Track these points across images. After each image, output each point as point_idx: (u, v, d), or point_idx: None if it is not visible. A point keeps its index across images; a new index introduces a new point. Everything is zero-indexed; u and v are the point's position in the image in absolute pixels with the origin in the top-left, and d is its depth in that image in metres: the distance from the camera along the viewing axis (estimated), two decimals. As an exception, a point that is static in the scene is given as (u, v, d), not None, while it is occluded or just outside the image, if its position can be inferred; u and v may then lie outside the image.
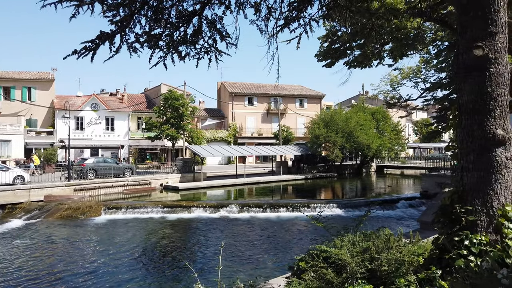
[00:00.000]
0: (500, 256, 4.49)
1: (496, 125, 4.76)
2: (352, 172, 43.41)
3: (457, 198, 5.01)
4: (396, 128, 43.97)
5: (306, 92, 55.09)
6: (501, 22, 4.70)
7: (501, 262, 4.32)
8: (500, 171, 4.78)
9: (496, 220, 4.74)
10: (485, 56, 4.70)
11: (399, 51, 14.17)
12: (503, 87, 4.78)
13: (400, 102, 23.06)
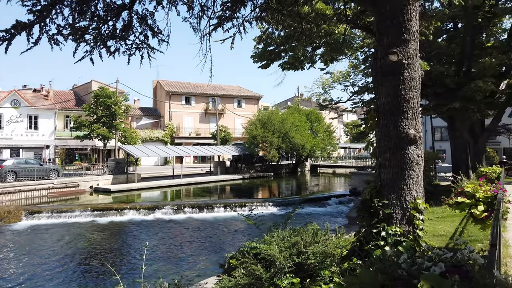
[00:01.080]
0: (412, 245, 4.92)
1: (409, 125, 5.18)
2: (288, 171, 44.69)
3: (376, 193, 5.37)
4: (329, 129, 46.14)
5: (244, 92, 55.57)
6: (413, 31, 5.14)
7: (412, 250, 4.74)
8: (412, 168, 5.22)
9: (409, 213, 5.17)
10: (400, 62, 5.10)
11: (329, 55, 14.87)
12: (415, 91, 5.23)
13: (331, 104, 24.23)
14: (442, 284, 1.68)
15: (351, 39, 16.95)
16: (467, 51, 15.29)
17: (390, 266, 1.99)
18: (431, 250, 2.63)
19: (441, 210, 11.22)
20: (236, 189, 30.84)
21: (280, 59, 15.03)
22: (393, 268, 1.95)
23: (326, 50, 14.15)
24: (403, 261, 2.18)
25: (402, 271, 1.96)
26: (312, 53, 15.36)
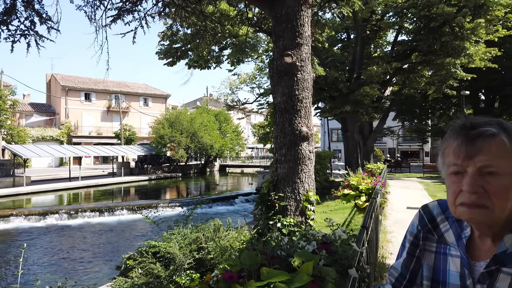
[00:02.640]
0: (304, 234, 5.31)
1: (302, 123, 5.58)
2: (197, 171, 44.39)
3: (272, 187, 5.67)
4: (237, 130, 47.04)
5: (150, 91, 53.59)
6: (306, 36, 5.55)
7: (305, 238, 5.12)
8: (305, 162, 5.63)
9: (302, 204, 5.56)
10: (294, 64, 5.47)
11: (235, 56, 15.19)
12: (307, 91, 5.65)
13: (239, 105, 24.78)
14: (311, 258, 1.86)
15: (257, 42, 17.56)
16: (357, 59, 16.97)
17: (271, 248, 2.14)
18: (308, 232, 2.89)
19: (334, 204, 12.24)
20: (141, 191, 29.61)
21: (187, 57, 14.91)
22: (274, 250, 2.11)
23: (233, 51, 14.44)
24: (284, 244, 2.36)
25: (281, 252, 2.13)
26: (219, 53, 15.54)
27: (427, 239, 1.10)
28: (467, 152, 0.88)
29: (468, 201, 0.88)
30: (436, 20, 14.20)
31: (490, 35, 16.00)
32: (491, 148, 0.87)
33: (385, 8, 16.34)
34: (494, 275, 0.92)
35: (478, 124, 0.90)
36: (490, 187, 0.86)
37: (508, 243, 0.92)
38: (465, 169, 0.89)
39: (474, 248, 0.99)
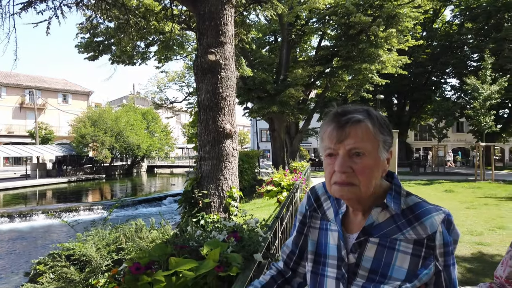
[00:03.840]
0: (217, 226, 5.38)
1: (226, 120, 5.65)
2: (123, 172, 42.41)
3: (196, 185, 5.67)
4: (166, 129, 45.85)
5: (70, 87, 49.95)
6: (229, 35, 5.63)
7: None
8: (229, 160, 5.71)
9: (225, 201, 5.63)
10: (217, 62, 5.52)
11: (163, 54, 14.83)
12: (231, 89, 5.74)
13: (167, 103, 24.21)
14: (219, 245, 1.92)
15: (186, 40, 17.34)
16: (284, 62, 17.58)
17: (182, 240, 2.17)
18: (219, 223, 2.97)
19: (261, 201, 12.56)
20: (60, 194, 27.50)
21: (110, 52, 14.19)
22: (185, 241, 2.14)
23: (159, 48, 14.07)
24: (197, 235, 2.40)
25: (193, 242, 2.16)
26: (145, 50, 15.03)
27: (312, 217, 1.21)
28: (338, 137, 0.99)
29: (339, 180, 0.99)
30: (354, 28, 15.28)
31: (401, 44, 17.58)
32: (357, 133, 0.98)
33: (309, 14, 17.15)
34: (363, 245, 1.04)
35: (347, 112, 1.01)
36: (357, 167, 0.98)
37: (375, 216, 1.04)
38: (337, 151, 0.99)
39: (348, 222, 1.10)
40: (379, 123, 1.02)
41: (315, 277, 1.13)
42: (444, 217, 1.00)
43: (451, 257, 1.00)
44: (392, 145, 1.07)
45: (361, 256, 1.04)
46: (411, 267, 0.98)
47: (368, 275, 1.02)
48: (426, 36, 29.91)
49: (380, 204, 1.04)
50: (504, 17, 26.15)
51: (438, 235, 0.98)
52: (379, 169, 1.02)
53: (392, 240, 1.01)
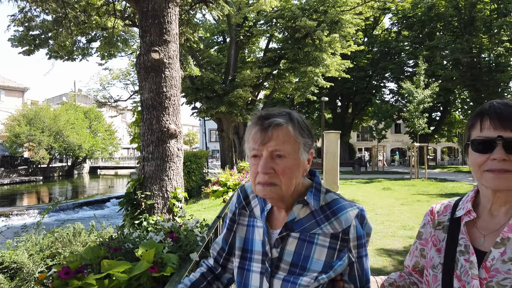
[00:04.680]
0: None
1: (170, 120, 5.56)
2: (63, 174, 40.03)
3: (139, 186, 5.52)
4: (109, 129, 43.98)
5: (3, 82, 46.14)
6: (173, 33, 5.55)
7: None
8: (173, 160, 5.62)
9: (169, 202, 5.55)
10: (161, 60, 5.42)
11: (106, 50, 14.23)
12: (176, 89, 5.66)
13: (111, 102, 23.27)
14: (155, 246, 1.91)
15: (131, 37, 16.78)
16: (232, 62, 17.64)
17: (117, 242, 2.12)
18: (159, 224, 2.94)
19: (208, 201, 12.50)
20: (-11, 198, 25.32)
21: (47, 46, 13.33)
22: (119, 243, 2.09)
23: (102, 44, 13.48)
24: (134, 237, 2.35)
25: (128, 244, 2.12)
26: (86, 45, 14.32)
27: (241, 214, 1.25)
28: (261, 139, 1.04)
29: (262, 180, 1.04)
30: (300, 31, 15.73)
31: (344, 49, 18.38)
32: (279, 136, 1.04)
33: (257, 16, 17.37)
34: (285, 240, 1.10)
35: (271, 115, 1.07)
36: (278, 168, 1.03)
37: (296, 212, 1.11)
38: (261, 153, 1.04)
39: (273, 219, 1.16)
40: (299, 126, 1.08)
41: (241, 272, 1.17)
42: (358, 212, 1.08)
43: (363, 249, 1.08)
44: (312, 146, 1.14)
45: (283, 251, 1.09)
46: (327, 259, 1.05)
47: (289, 268, 1.08)
48: (367, 42, 31.54)
49: (301, 201, 1.11)
50: (437, 26, 28.31)
51: (352, 229, 1.06)
52: (299, 170, 1.08)
53: (311, 235, 1.08)
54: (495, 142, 0.98)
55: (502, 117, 0.99)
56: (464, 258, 1.07)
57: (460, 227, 1.11)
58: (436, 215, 1.21)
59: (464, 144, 1.10)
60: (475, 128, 1.04)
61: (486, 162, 1.00)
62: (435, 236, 1.18)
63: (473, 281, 1.02)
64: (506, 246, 1.01)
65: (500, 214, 1.06)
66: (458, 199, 1.20)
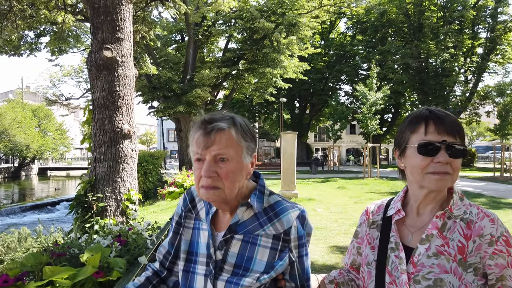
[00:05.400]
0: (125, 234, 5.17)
1: (123, 120, 5.42)
2: (8, 176, 37.59)
3: (90, 188, 5.33)
4: (61, 128, 41.90)
5: None
6: (127, 31, 5.41)
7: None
8: (127, 161, 5.48)
9: (123, 204, 5.40)
10: (114, 58, 5.26)
11: (55, 45, 13.58)
12: (129, 88, 5.52)
13: (62, 100, 22.18)
14: (101, 251, 1.86)
15: (84, 33, 16.12)
16: (190, 61, 17.44)
17: (61, 247, 2.05)
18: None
19: (165, 203, 12.28)
20: None
21: (-10, 40, 12.50)
22: (64, 248, 2.02)
23: (51, 39, 12.85)
24: (81, 241, 2.28)
25: (74, 249, 2.05)
26: (35, 40, 13.58)
27: (187, 217, 1.26)
28: (204, 143, 1.05)
29: (206, 184, 1.06)
30: (258, 33, 15.86)
31: (301, 51, 18.76)
32: (222, 140, 1.05)
33: (216, 16, 17.30)
34: (229, 242, 1.12)
35: (214, 120, 1.08)
36: (221, 172, 1.05)
37: (240, 214, 1.13)
38: (204, 157, 1.06)
39: (218, 221, 1.18)
40: (242, 130, 1.10)
41: (186, 275, 1.18)
42: (299, 213, 1.13)
43: (304, 248, 1.13)
44: (255, 150, 1.17)
45: (227, 253, 1.12)
46: (269, 259, 1.09)
47: (233, 270, 1.10)
48: (323, 45, 32.41)
49: (245, 203, 1.13)
50: (388, 32, 29.65)
51: (293, 229, 1.10)
52: (242, 173, 1.10)
53: (255, 236, 1.11)
54: (440, 146, 1.05)
55: (445, 123, 1.07)
56: (394, 254, 1.14)
57: (391, 225, 1.19)
58: (370, 214, 1.28)
59: (403, 147, 1.14)
60: (418, 132, 1.09)
61: (430, 164, 1.06)
62: (369, 234, 1.25)
63: (402, 276, 1.09)
64: (431, 242, 1.10)
65: (426, 213, 1.15)
66: (390, 199, 1.29)
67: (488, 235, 1.07)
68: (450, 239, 1.09)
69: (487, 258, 1.05)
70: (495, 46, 26.51)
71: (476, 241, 1.07)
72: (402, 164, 1.16)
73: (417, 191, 1.15)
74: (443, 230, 1.10)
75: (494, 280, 1.06)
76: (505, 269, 1.05)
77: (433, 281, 1.05)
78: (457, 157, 1.07)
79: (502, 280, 1.06)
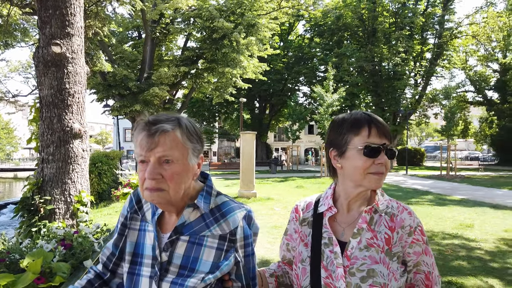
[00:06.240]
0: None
1: (73, 119, 5.20)
2: None
3: (37, 190, 5.07)
4: (7, 127, 39.38)
5: None
6: (78, 26, 5.20)
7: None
8: (77, 162, 5.27)
9: (73, 206, 5.19)
10: (63, 55, 5.04)
11: (1, 39, 12.78)
12: (80, 86, 5.31)
13: (8, 97, 20.84)
14: (44, 255, 1.79)
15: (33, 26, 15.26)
16: (148, 59, 17.02)
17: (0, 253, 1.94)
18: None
19: (120, 205, 11.91)
20: None
21: None
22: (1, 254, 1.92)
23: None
24: (23, 246, 2.17)
25: (14, 255, 1.95)
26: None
27: (132, 218, 1.24)
28: (148, 145, 1.04)
29: (149, 186, 1.04)
30: (217, 32, 15.79)
31: (261, 52, 18.90)
32: (166, 142, 1.04)
33: (174, 13, 17.01)
34: (174, 243, 1.12)
35: (158, 121, 1.07)
36: (166, 173, 1.04)
37: (187, 216, 1.13)
38: (149, 159, 1.05)
39: (164, 223, 1.17)
40: (188, 132, 1.10)
41: (130, 277, 1.16)
42: (245, 214, 1.14)
43: (250, 248, 1.14)
44: (202, 151, 1.17)
45: (173, 254, 1.11)
46: (215, 260, 1.10)
47: (179, 271, 1.10)
48: (283, 46, 32.85)
49: (191, 204, 1.13)
50: (344, 35, 30.60)
51: (239, 229, 1.12)
52: (188, 174, 1.10)
53: (201, 237, 1.12)
54: (381, 148, 1.13)
55: (384, 127, 1.16)
56: (329, 249, 1.20)
57: (322, 222, 1.25)
58: (301, 212, 1.33)
59: (344, 148, 1.18)
60: (361, 135, 1.15)
61: (372, 165, 1.13)
62: (302, 232, 1.30)
63: (338, 269, 1.16)
64: (361, 235, 1.18)
65: (355, 208, 1.23)
66: (319, 196, 1.34)
67: (407, 226, 1.18)
68: (377, 232, 1.18)
69: (407, 247, 1.17)
70: (442, 51, 28.18)
71: (399, 232, 1.17)
72: (339, 164, 1.21)
73: (351, 189, 1.21)
74: (371, 224, 1.19)
75: (411, 266, 1.18)
76: (421, 256, 1.18)
77: (366, 272, 1.13)
78: (391, 158, 1.16)
79: (418, 266, 1.19)
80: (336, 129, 1.22)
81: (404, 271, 1.18)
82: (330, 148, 1.24)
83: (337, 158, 1.21)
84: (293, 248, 1.33)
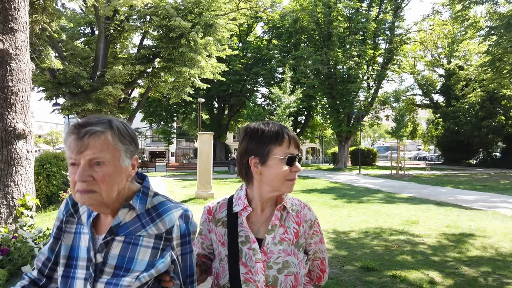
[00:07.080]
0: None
1: (17, 119, 4.95)
2: None
3: (-24, 194, 4.77)
4: None
5: None
6: (22, 21, 4.96)
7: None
8: (21, 163, 5.01)
9: (16, 211, 4.93)
10: (6, 51, 4.78)
11: None
12: (25, 84, 5.06)
13: None
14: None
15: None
16: (101, 57, 16.43)
17: None
18: None
19: (71, 208, 11.41)
20: None
21: None
22: None
23: None
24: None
25: None
26: None
27: (68, 222, 1.23)
28: (78, 148, 1.05)
29: (80, 188, 1.05)
30: (174, 31, 15.56)
31: (219, 52, 18.85)
32: (96, 144, 1.06)
33: (129, 10, 16.55)
34: (109, 244, 1.13)
35: (88, 123, 1.08)
36: (97, 175, 1.06)
37: (122, 216, 1.15)
38: (79, 161, 1.06)
39: (100, 224, 1.18)
40: (120, 133, 1.12)
41: (65, 280, 1.16)
42: (182, 213, 1.18)
43: (188, 246, 1.18)
44: (136, 152, 1.19)
45: (107, 255, 1.13)
46: (151, 259, 1.12)
47: (114, 271, 1.11)
48: (241, 47, 32.97)
49: (127, 205, 1.15)
50: (301, 38, 31.23)
51: (175, 228, 1.15)
52: (121, 176, 1.12)
53: (136, 237, 1.14)
54: (297, 157, 1.29)
55: (297, 139, 1.33)
56: (247, 247, 1.29)
57: (238, 221, 1.33)
58: (214, 213, 1.40)
59: (266, 157, 1.27)
60: (283, 145, 1.27)
61: (289, 173, 1.27)
62: (218, 232, 1.36)
63: (257, 264, 1.26)
64: (275, 231, 1.31)
65: (267, 208, 1.36)
66: (230, 197, 1.43)
67: (309, 220, 1.36)
68: (287, 227, 1.32)
69: (309, 238, 1.36)
70: (393, 56, 29.56)
71: (304, 225, 1.34)
72: (259, 171, 1.29)
73: (267, 193, 1.32)
74: (282, 220, 1.33)
75: (311, 254, 1.39)
76: (318, 244, 1.40)
77: (282, 264, 1.26)
78: (301, 166, 1.33)
79: (316, 253, 1.40)
80: (257, 139, 1.30)
81: (307, 259, 1.36)
82: (250, 156, 1.30)
83: (258, 165, 1.29)
84: (208, 246, 1.40)
